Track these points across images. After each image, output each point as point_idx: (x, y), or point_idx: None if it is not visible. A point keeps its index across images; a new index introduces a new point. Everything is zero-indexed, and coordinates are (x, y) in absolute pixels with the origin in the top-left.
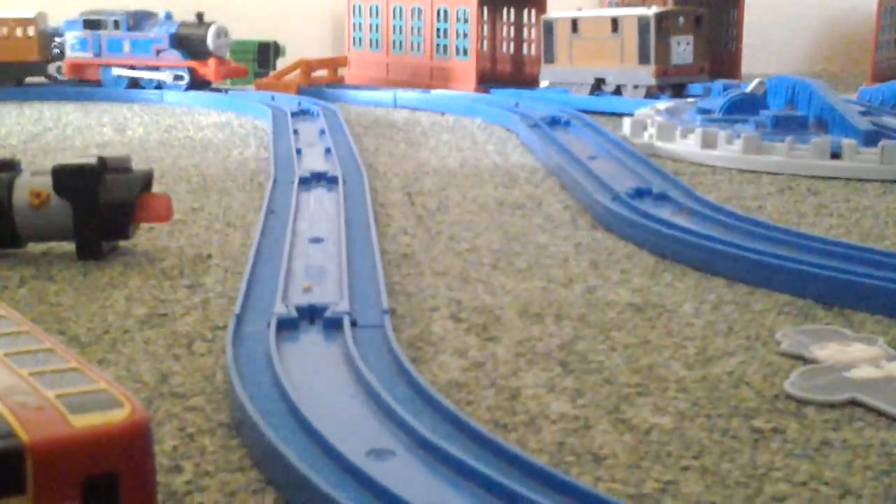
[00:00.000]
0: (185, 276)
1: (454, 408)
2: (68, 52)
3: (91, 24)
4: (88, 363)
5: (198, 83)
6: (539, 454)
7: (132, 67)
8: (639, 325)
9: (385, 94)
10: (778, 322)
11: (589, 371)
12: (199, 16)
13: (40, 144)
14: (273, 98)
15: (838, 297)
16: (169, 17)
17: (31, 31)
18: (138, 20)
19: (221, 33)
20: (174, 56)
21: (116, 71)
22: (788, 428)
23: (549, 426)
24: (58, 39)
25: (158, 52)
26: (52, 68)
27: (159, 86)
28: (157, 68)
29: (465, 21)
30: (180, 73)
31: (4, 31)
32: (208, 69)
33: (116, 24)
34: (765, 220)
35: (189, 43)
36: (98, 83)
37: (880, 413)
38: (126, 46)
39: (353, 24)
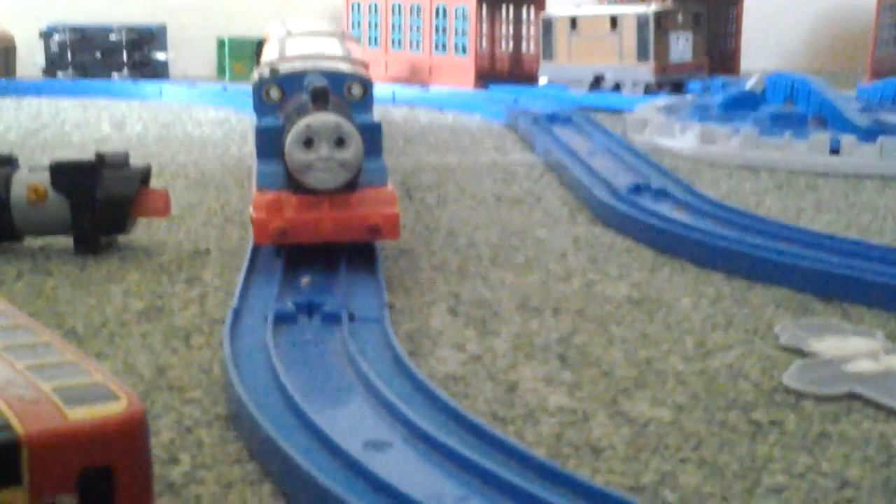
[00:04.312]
0: (183, 270)
1: (452, 401)
2: None
3: None
4: (85, 356)
5: None
6: (537, 447)
7: None
8: (637, 319)
9: (383, 91)
10: (776, 316)
11: (587, 364)
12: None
13: (38, 140)
14: None
15: (837, 291)
16: None
17: None
18: None
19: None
20: None
21: None
22: (787, 420)
23: (547, 419)
24: None
25: None
26: None
27: None
28: None
29: (464, 19)
30: None
31: None
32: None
33: None
34: (763, 215)
35: None
36: None
37: (878, 406)
38: None
39: (352, 21)
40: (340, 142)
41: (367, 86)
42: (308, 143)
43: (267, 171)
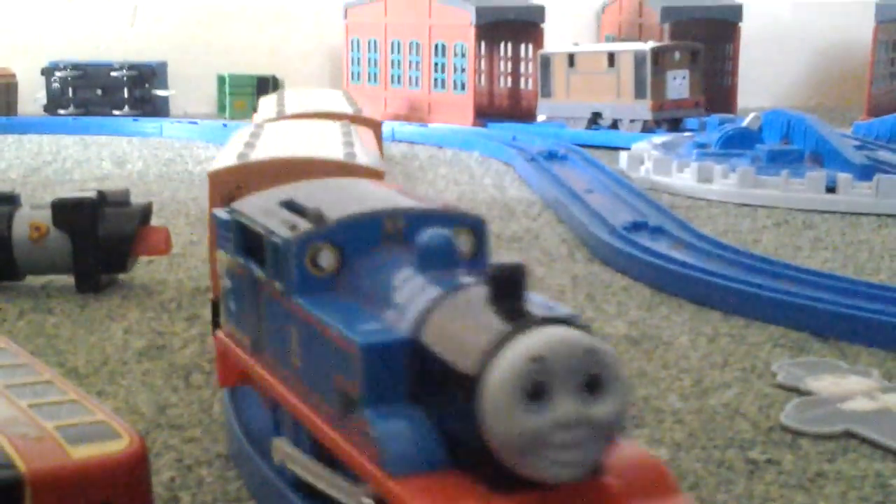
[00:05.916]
0: (184, 308)
1: None
2: None
3: None
4: (87, 395)
5: None
6: None
7: None
8: (635, 357)
9: (383, 128)
10: (774, 354)
11: None
12: None
13: (40, 178)
14: None
15: (834, 329)
16: None
17: None
18: None
19: None
20: None
21: None
22: (784, 459)
23: None
24: None
25: None
26: None
27: None
28: None
29: (463, 56)
30: None
31: None
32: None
33: None
34: (761, 253)
35: None
36: None
37: (875, 445)
38: None
39: (351, 58)
40: (594, 383)
41: (479, 233)
42: (538, 392)
43: (400, 434)
